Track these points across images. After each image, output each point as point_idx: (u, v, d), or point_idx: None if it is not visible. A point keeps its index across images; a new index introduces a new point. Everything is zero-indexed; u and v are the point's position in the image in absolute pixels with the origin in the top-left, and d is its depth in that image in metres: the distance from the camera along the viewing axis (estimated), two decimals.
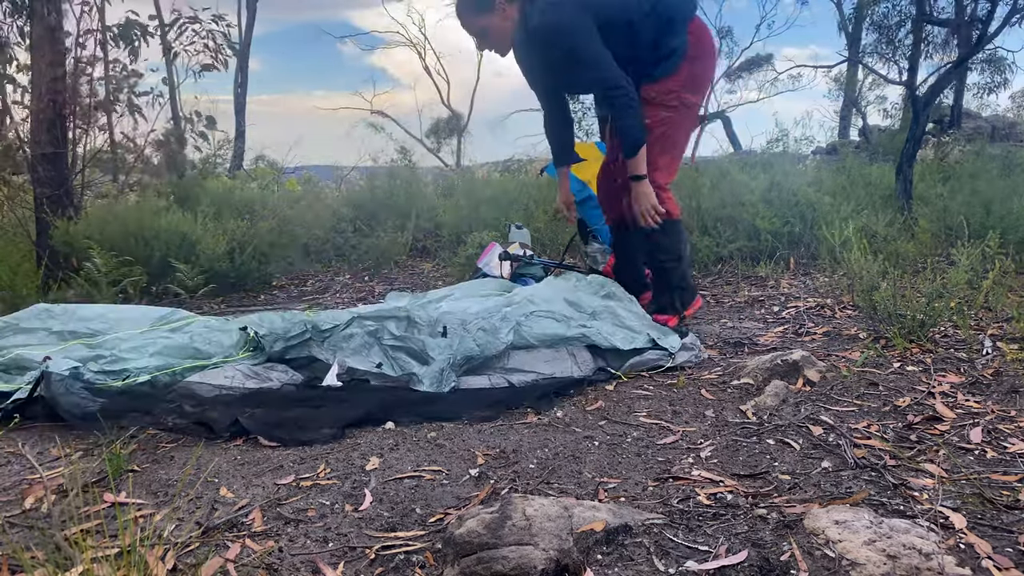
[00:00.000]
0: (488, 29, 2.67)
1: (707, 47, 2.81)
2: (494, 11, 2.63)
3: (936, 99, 6.25)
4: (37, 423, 2.15)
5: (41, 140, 4.34)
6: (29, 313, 2.78)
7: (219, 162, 7.55)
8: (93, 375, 2.25)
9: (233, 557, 1.33)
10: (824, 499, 1.48)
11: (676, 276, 2.91)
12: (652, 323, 2.75)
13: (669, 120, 2.77)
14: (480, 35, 2.72)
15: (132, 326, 2.79)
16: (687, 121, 2.86)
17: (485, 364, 2.42)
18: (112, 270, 3.94)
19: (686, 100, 2.77)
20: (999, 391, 2.12)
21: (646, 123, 2.73)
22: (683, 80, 2.74)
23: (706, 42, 2.81)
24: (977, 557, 1.24)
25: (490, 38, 2.72)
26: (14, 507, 1.58)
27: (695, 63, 2.75)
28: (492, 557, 1.21)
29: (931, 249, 4.12)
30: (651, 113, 2.75)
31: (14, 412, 2.10)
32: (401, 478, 1.69)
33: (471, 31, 2.71)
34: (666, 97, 2.74)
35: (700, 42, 2.76)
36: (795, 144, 6.86)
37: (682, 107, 2.77)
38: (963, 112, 15.53)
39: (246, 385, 2.26)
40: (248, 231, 4.67)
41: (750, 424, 1.96)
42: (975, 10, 9.48)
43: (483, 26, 2.67)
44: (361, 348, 2.43)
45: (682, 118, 2.81)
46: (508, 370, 2.40)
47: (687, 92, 2.77)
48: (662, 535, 1.36)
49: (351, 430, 2.00)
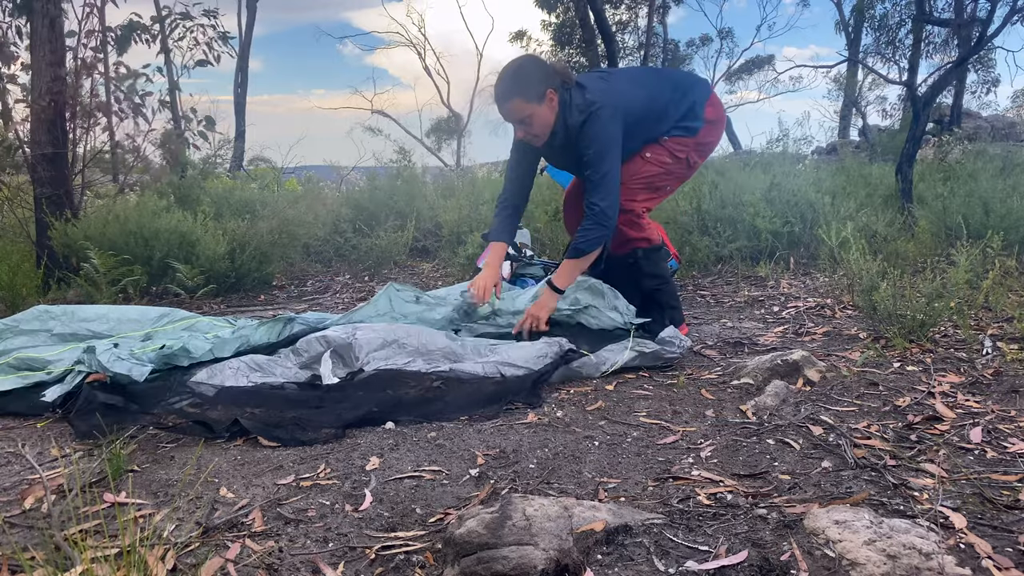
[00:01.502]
0: (533, 117, 2.63)
1: (720, 119, 2.94)
2: (544, 101, 2.61)
3: (936, 99, 6.25)
4: (36, 422, 2.16)
5: (41, 140, 4.34)
6: (29, 315, 2.79)
7: (219, 162, 7.55)
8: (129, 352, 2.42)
9: (233, 557, 1.33)
10: (824, 499, 1.48)
11: (666, 296, 2.92)
12: (633, 314, 2.81)
13: (668, 168, 2.84)
14: (524, 123, 2.67)
15: (134, 327, 2.80)
16: (682, 175, 2.95)
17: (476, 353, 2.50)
18: (112, 270, 3.94)
19: (691, 159, 2.87)
20: (999, 391, 2.12)
21: (647, 156, 2.79)
22: (697, 143, 2.86)
23: (720, 114, 2.94)
24: (977, 557, 1.24)
25: (534, 127, 2.67)
26: (14, 507, 1.58)
27: (710, 131, 2.89)
28: (492, 557, 1.21)
29: (931, 249, 4.12)
30: (655, 152, 2.80)
31: (56, 405, 2.21)
32: (401, 478, 1.69)
33: (514, 117, 2.66)
34: (677, 148, 2.81)
35: (716, 113, 2.89)
36: (795, 144, 6.87)
37: (685, 164, 2.87)
38: (963, 112, 15.54)
39: (250, 378, 2.30)
40: (248, 231, 4.67)
41: (750, 424, 1.96)
42: (975, 10, 9.48)
43: (530, 114, 2.63)
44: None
45: (680, 172, 2.90)
46: (501, 362, 2.40)
47: (695, 153, 2.88)
48: (662, 535, 1.36)
49: (351, 430, 2.01)
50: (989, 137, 12.41)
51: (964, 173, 5.91)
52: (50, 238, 4.27)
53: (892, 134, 12.04)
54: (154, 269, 4.23)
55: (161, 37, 5.87)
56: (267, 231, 4.73)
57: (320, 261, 5.43)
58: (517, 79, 2.62)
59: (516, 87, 2.61)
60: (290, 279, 5.00)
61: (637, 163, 2.80)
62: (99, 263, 3.88)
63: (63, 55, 4.40)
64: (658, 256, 2.91)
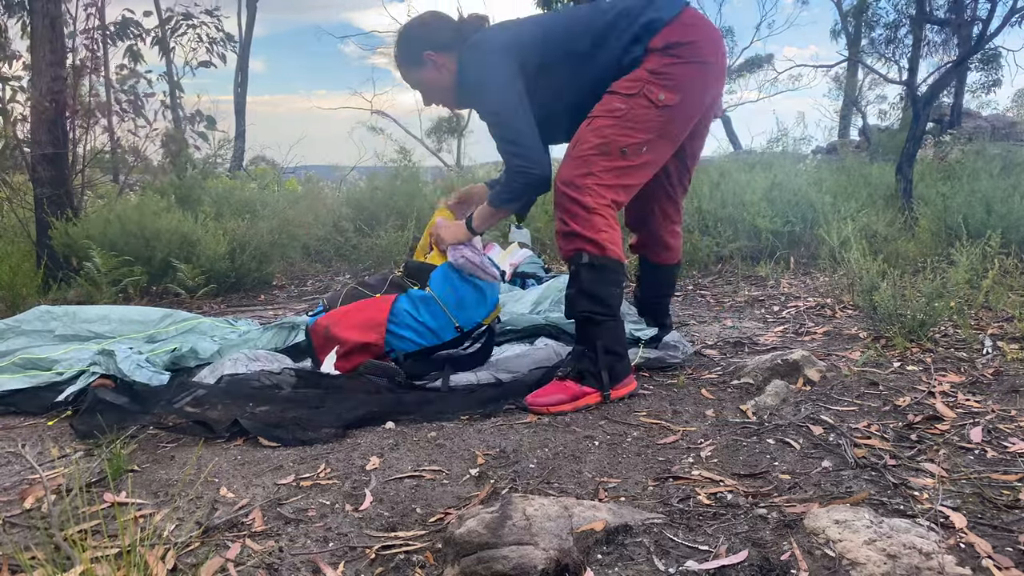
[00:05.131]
0: (421, 84, 2.35)
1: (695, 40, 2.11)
2: (424, 65, 2.28)
3: (936, 98, 6.25)
4: (45, 420, 2.16)
5: (41, 140, 4.34)
6: (31, 315, 2.79)
7: (219, 162, 7.55)
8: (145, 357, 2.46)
9: (233, 557, 1.34)
10: (824, 499, 1.48)
11: (607, 336, 2.15)
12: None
13: (622, 114, 2.09)
14: (417, 88, 2.37)
15: (137, 328, 2.81)
16: (651, 121, 2.10)
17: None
18: (112, 270, 3.94)
19: (654, 95, 2.08)
20: (999, 391, 2.12)
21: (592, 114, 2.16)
22: (653, 72, 2.09)
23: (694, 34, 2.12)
24: (977, 557, 1.24)
25: (427, 94, 2.37)
26: (14, 507, 1.58)
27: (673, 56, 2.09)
28: (492, 557, 1.21)
29: (931, 249, 4.12)
30: (601, 104, 2.14)
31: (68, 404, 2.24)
32: (401, 478, 1.69)
33: (409, 84, 2.39)
34: (626, 86, 2.11)
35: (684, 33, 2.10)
36: (795, 144, 6.87)
37: (646, 102, 2.08)
38: (963, 111, 15.54)
39: (249, 367, 2.32)
40: (248, 231, 4.67)
41: (750, 424, 1.96)
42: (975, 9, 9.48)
43: (416, 80, 2.35)
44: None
45: (644, 116, 2.09)
46: (498, 369, 2.40)
47: (657, 87, 2.08)
48: (662, 535, 1.36)
49: (351, 430, 2.01)
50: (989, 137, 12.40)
51: (965, 172, 5.91)
52: (50, 238, 4.27)
53: (892, 134, 12.05)
54: (154, 269, 4.24)
55: (161, 38, 5.88)
56: (267, 231, 4.74)
57: (320, 261, 5.43)
58: (396, 43, 2.33)
59: (396, 52, 2.33)
60: (290, 279, 5.01)
61: (584, 126, 2.16)
62: (101, 263, 3.88)
63: (63, 55, 4.41)
64: (607, 275, 2.13)
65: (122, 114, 5.25)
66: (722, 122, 15.01)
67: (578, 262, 2.14)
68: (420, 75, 2.32)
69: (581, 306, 2.15)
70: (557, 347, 2.53)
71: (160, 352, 2.50)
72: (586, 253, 2.12)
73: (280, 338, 2.70)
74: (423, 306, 2.40)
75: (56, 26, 4.30)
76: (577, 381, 2.15)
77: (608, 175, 2.12)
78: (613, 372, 2.15)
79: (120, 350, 2.37)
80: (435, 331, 2.41)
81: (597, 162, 2.11)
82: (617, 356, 2.17)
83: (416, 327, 2.40)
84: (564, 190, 2.14)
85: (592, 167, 2.11)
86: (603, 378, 2.13)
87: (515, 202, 2.26)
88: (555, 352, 2.49)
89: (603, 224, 2.12)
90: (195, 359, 2.50)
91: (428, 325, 2.40)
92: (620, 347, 2.19)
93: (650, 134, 2.12)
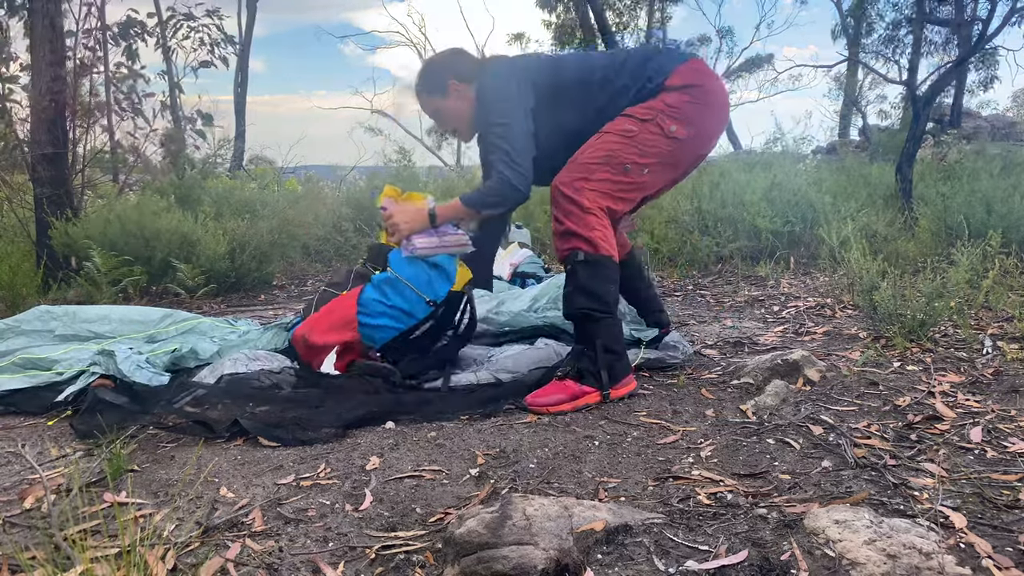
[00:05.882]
0: (441, 112, 2.43)
1: (703, 84, 2.24)
2: (447, 94, 2.38)
3: (936, 98, 6.25)
4: (45, 420, 2.16)
5: (41, 140, 4.34)
6: (31, 315, 2.79)
7: (219, 162, 7.56)
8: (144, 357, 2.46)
9: (233, 557, 1.34)
10: (824, 499, 1.48)
11: (606, 334, 2.19)
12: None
13: (632, 136, 2.19)
14: (436, 119, 2.47)
15: (137, 328, 2.81)
16: (659, 149, 2.20)
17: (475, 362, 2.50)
18: (112, 270, 3.94)
19: (666, 126, 2.19)
20: (999, 390, 2.12)
21: (604, 129, 2.24)
22: (667, 105, 2.21)
23: (701, 79, 2.24)
24: (977, 557, 1.24)
25: (446, 121, 2.45)
26: (14, 507, 1.58)
27: (686, 95, 2.21)
28: (492, 557, 1.21)
29: (931, 249, 4.12)
30: (615, 123, 2.23)
31: (68, 403, 2.24)
32: (401, 478, 1.69)
33: (427, 113, 2.48)
34: (641, 112, 2.21)
35: (693, 77, 2.23)
36: (794, 144, 6.87)
37: (658, 130, 2.19)
38: (963, 111, 15.54)
39: (249, 367, 2.32)
40: (248, 231, 4.68)
41: (750, 424, 1.96)
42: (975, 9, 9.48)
43: (435, 109, 2.43)
44: None
45: (653, 142, 2.19)
46: (497, 369, 2.40)
47: (670, 119, 2.19)
48: (662, 535, 1.36)
49: (351, 430, 2.01)
50: (989, 137, 12.40)
51: (965, 172, 5.92)
52: (50, 238, 4.27)
53: (892, 133, 12.06)
54: (154, 269, 4.24)
55: (162, 38, 5.88)
56: (267, 231, 4.74)
57: (320, 260, 5.43)
58: (420, 74, 2.45)
59: (418, 82, 2.45)
60: (290, 279, 5.01)
61: (593, 139, 2.25)
62: (100, 263, 3.88)
63: (63, 55, 4.41)
64: (602, 271, 2.19)
65: (121, 113, 5.26)
66: None
67: (574, 260, 2.19)
68: (441, 103, 2.40)
69: (579, 303, 2.19)
70: (557, 347, 2.53)
71: (160, 352, 2.50)
72: (581, 251, 2.17)
73: (280, 338, 2.70)
74: (389, 289, 2.36)
75: (56, 26, 4.30)
76: (576, 380, 2.18)
77: (606, 185, 2.20)
78: (612, 371, 2.18)
79: (120, 350, 2.36)
80: (408, 311, 2.37)
81: (598, 172, 2.19)
82: (616, 355, 2.19)
83: (388, 311, 2.36)
84: (562, 190, 2.21)
85: (592, 175, 2.20)
86: (602, 377, 2.16)
87: (489, 208, 2.29)
88: (555, 352, 2.49)
89: (596, 223, 2.18)
90: (195, 359, 2.50)
91: (399, 307, 2.36)
92: (619, 346, 2.22)
93: (655, 159, 2.21)
